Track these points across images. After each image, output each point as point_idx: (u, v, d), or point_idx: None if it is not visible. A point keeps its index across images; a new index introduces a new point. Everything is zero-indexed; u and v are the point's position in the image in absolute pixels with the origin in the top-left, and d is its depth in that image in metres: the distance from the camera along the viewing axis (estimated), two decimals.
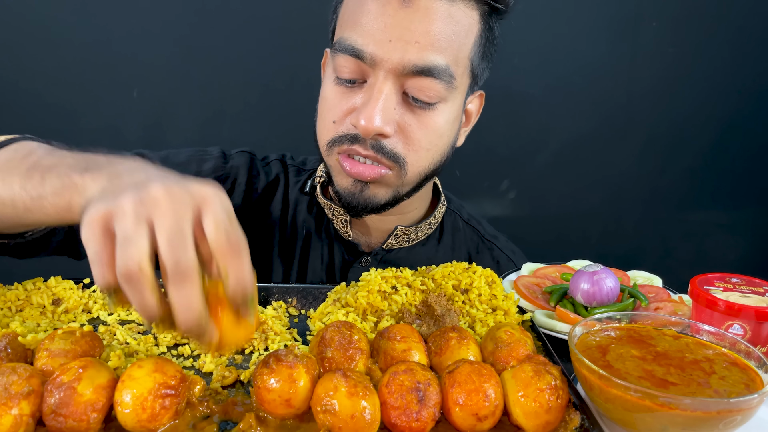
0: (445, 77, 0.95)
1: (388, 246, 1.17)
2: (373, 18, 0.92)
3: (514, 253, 1.32)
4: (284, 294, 0.97)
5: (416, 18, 0.91)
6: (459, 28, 0.95)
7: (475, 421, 0.62)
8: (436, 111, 0.99)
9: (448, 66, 0.95)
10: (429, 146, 1.01)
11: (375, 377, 0.68)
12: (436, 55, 0.93)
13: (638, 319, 0.77)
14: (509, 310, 0.87)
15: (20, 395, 0.58)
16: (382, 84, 0.93)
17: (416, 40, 0.91)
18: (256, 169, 1.22)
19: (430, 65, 0.93)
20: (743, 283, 0.83)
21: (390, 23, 0.91)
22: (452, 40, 0.95)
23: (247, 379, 0.72)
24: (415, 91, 0.95)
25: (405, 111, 0.97)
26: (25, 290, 0.86)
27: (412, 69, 0.92)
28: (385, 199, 1.05)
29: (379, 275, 0.90)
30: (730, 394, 0.62)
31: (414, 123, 0.98)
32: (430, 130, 0.99)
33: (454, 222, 1.29)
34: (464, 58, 0.99)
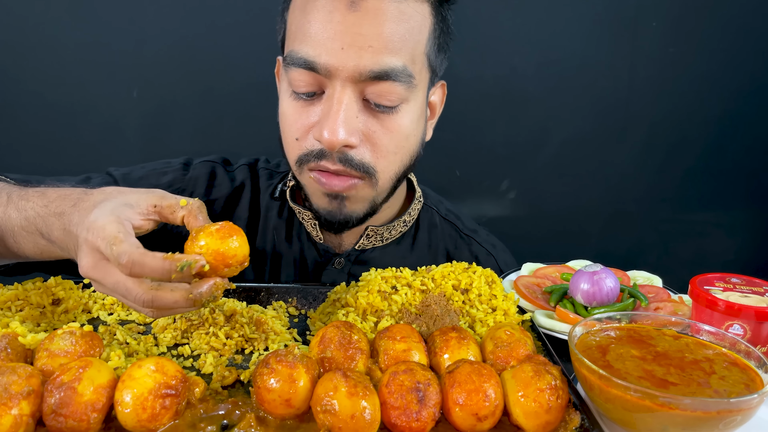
0: (404, 78, 0.92)
1: (361, 246, 1.15)
2: (321, 26, 0.89)
3: (494, 247, 1.29)
4: (284, 294, 0.97)
5: (366, 21, 0.88)
6: (411, 25, 0.92)
7: (475, 421, 0.62)
8: (400, 113, 0.96)
9: (406, 66, 0.92)
10: (397, 150, 0.98)
11: (375, 377, 0.68)
12: (392, 57, 0.90)
13: (638, 319, 0.77)
14: (509, 310, 0.87)
15: (20, 395, 0.58)
16: (341, 94, 0.90)
17: (369, 45, 0.88)
18: (219, 178, 1.19)
19: (387, 69, 0.90)
20: (743, 283, 0.83)
21: (340, 30, 0.88)
22: (406, 39, 0.92)
23: (247, 379, 0.72)
24: (376, 97, 0.92)
25: (368, 118, 0.94)
26: (25, 290, 0.86)
27: (369, 75, 0.89)
28: (363, 212, 1.03)
29: (379, 275, 0.90)
30: (730, 394, 0.62)
31: (378, 129, 0.95)
32: (396, 134, 0.97)
33: (431, 218, 1.26)
34: (420, 55, 0.96)
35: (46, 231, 0.79)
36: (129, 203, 0.73)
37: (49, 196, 0.80)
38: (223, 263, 0.67)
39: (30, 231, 0.81)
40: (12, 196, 0.84)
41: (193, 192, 1.17)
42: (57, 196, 0.80)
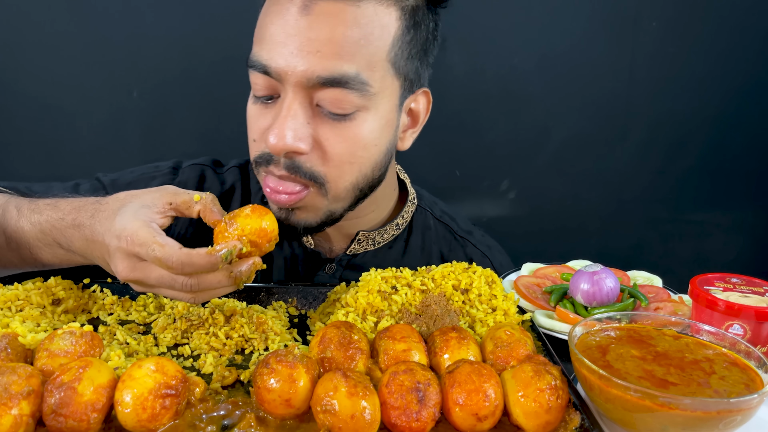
0: (357, 85, 0.88)
1: (352, 251, 1.13)
2: (275, 30, 0.88)
3: (489, 249, 1.26)
4: (284, 294, 0.97)
5: (317, 25, 0.86)
6: (369, 30, 0.88)
7: (475, 421, 0.62)
8: (356, 121, 0.92)
9: (359, 73, 0.88)
10: (352, 159, 0.94)
11: (375, 377, 0.68)
12: (343, 63, 0.87)
13: (638, 319, 0.77)
14: (509, 310, 0.87)
15: (20, 395, 0.58)
16: (291, 100, 0.88)
17: (318, 50, 0.86)
18: (209, 181, 1.19)
19: (337, 75, 0.87)
20: (743, 283, 0.83)
21: (291, 33, 0.86)
22: (361, 45, 0.88)
23: (247, 379, 0.72)
24: (327, 103, 0.89)
25: (320, 125, 0.91)
26: (25, 290, 0.86)
27: (318, 80, 0.86)
28: (317, 221, 1.00)
29: (379, 275, 0.90)
30: (730, 394, 0.62)
31: (331, 136, 0.91)
32: (351, 143, 0.92)
33: (425, 220, 1.23)
34: (381, 61, 0.91)
35: (66, 242, 0.82)
36: (146, 204, 0.77)
37: (62, 209, 0.83)
38: (266, 239, 0.75)
39: (47, 243, 0.84)
40: (22, 209, 0.87)
41: None
42: (71, 208, 0.83)
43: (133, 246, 0.72)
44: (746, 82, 2.14)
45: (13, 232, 0.86)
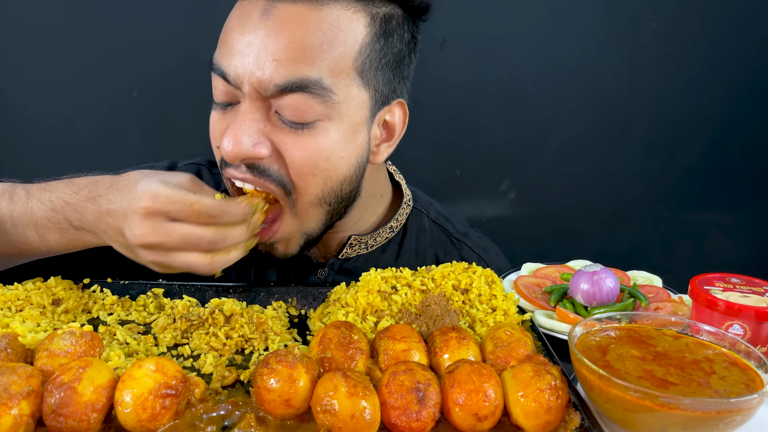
0: (318, 90, 0.85)
1: (344, 255, 1.11)
2: (236, 35, 0.86)
3: (486, 251, 1.23)
4: (284, 294, 0.97)
5: (277, 30, 0.83)
6: (332, 35, 0.85)
7: (475, 421, 0.62)
8: (317, 130, 0.88)
9: (321, 78, 0.84)
10: (314, 171, 0.90)
11: (375, 377, 0.68)
12: (303, 67, 0.84)
13: (638, 319, 0.77)
14: (509, 310, 0.87)
15: (20, 395, 0.58)
16: (247, 106, 0.86)
17: (275, 58, 0.83)
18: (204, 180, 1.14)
19: (295, 80, 0.84)
20: (743, 283, 0.83)
21: (249, 41, 0.84)
22: (323, 50, 0.84)
23: (247, 379, 0.72)
24: (287, 111, 0.86)
25: (278, 133, 0.88)
26: (25, 290, 0.86)
27: (274, 89, 0.84)
28: (297, 248, 0.99)
29: (379, 275, 0.90)
30: (730, 394, 0.62)
31: (291, 146, 0.88)
32: (312, 153, 0.88)
33: (420, 223, 1.19)
34: (346, 69, 0.87)
35: (77, 218, 0.83)
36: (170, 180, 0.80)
37: (77, 184, 0.85)
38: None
39: (56, 221, 0.84)
40: (31, 191, 0.88)
41: None
42: (87, 182, 0.84)
43: (163, 204, 0.75)
44: (746, 82, 2.14)
45: (20, 213, 0.86)
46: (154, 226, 0.75)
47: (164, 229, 0.75)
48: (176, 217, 0.76)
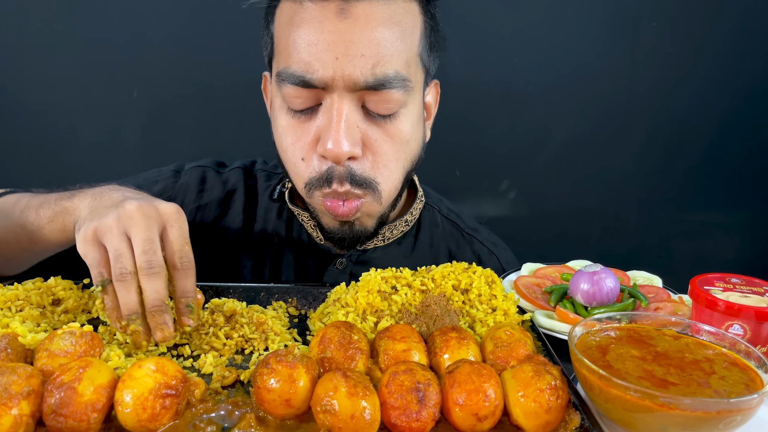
0: (400, 83, 0.90)
1: (362, 246, 1.14)
2: (313, 38, 0.87)
3: (495, 246, 1.28)
4: (284, 294, 0.97)
5: (357, 29, 0.86)
6: (403, 28, 0.90)
7: (475, 421, 0.62)
8: (399, 119, 0.94)
9: (399, 71, 0.90)
10: (398, 156, 0.97)
11: (375, 377, 0.68)
12: (386, 64, 0.88)
13: (638, 319, 0.77)
14: (509, 310, 0.87)
15: (20, 395, 0.58)
16: (340, 104, 0.89)
17: (362, 53, 0.86)
18: (210, 182, 1.19)
19: (382, 78, 0.88)
20: (743, 283, 0.83)
21: (332, 40, 0.86)
22: (399, 44, 0.90)
23: (247, 379, 0.72)
24: (374, 105, 0.91)
25: (368, 126, 0.93)
26: (25, 290, 0.86)
27: (364, 84, 0.88)
28: (373, 227, 1.03)
29: (378, 275, 0.90)
30: (730, 394, 0.62)
31: (380, 137, 0.93)
32: (397, 140, 0.95)
33: (433, 218, 1.25)
34: (414, 56, 0.94)
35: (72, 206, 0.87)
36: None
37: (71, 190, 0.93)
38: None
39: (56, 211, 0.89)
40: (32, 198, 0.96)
41: (184, 199, 1.16)
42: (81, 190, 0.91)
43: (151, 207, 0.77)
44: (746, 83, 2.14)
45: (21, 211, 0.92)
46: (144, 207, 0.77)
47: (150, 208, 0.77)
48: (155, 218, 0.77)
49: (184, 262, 0.76)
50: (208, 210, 1.17)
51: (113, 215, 0.75)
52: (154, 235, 0.75)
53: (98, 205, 0.81)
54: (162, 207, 0.78)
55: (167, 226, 0.77)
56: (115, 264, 0.73)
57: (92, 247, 0.75)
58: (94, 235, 0.75)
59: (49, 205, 0.90)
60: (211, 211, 1.17)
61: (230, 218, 1.18)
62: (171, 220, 0.77)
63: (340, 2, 0.87)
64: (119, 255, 0.73)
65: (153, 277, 0.73)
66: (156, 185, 1.16)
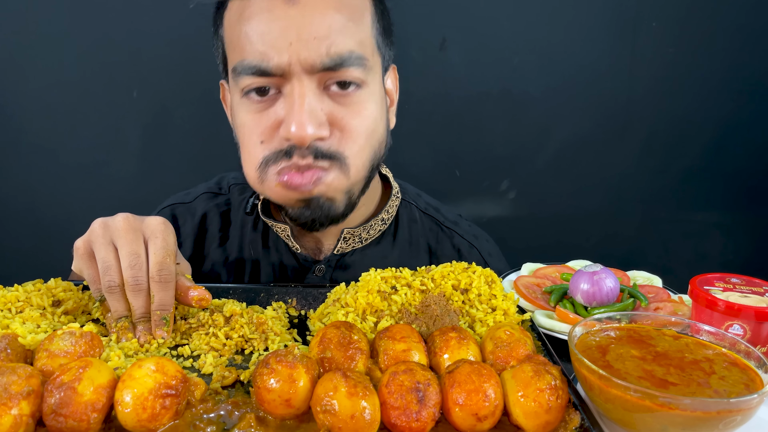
0: (357, 62, 0.92)
1: (340, 250, 1.13)
2: (265, 28, 0.88)
3: (476, 238, 1.25)
4: (284, 294, 0.97)
5: (307, 13, 0.88)
6: (352, 10, 0.92)
7: (475, 421, 0.62)
8: (362, 98, 0.95)
9: (354, 50, 0.91)
10: (367, 133, 0.97)
11: (375, 377, 0.68)
12: (340, 44, 0.89)
13: (638, 319, 0.77)
14: (509, 310, 0.87)
15: (20, 395, 0.58)
16: (300, 87, 0.89)
17: (314, 36, 0.87)
18: (181, 219, 1.21)
19: (337, 58, 0.89)
20: (743, 283, 0.83)
21: (284, 26, 0.87)
22: (350, 25, 0.91)
23: (247, 380, 0.72)
24: (333, 85, 0.92)
25: (333, 104, 0.93)
26: (25, 291, 0.86)
27: (321, 66, 0.89)
28: (342, 206, 1.00)
29: (378, 275, 0.90)
30: (730, 394, 0.62)
31: (346, 113, 0.94)
32: (364, 117, 0.96)
33: (411, 214, 1.22)
34: (368, 38, 0.96)
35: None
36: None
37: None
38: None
39: None
40: None
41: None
42: None
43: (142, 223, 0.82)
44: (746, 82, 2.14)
45: None
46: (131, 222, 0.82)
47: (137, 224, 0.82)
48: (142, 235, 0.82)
49: (163, 275, 0.79)
50: (186, 244, 1.19)
51: (101, 223, 0.82)
52: (140, 248, 0.80)
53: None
54: (148, 220, 0.83)
55: (151, 238, 0.80)
56: (103, 276, 0.79)
57: (86, 263, 0.82)
58: (86, 248, 0.81)
59: None
60: (188, 243, 1.20)
61: (208, 242, 1.19)
62: (156, 232, 0.81)
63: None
64: (107, 268, 0.79)
65: (138, 293, 0.79)
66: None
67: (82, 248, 0.81)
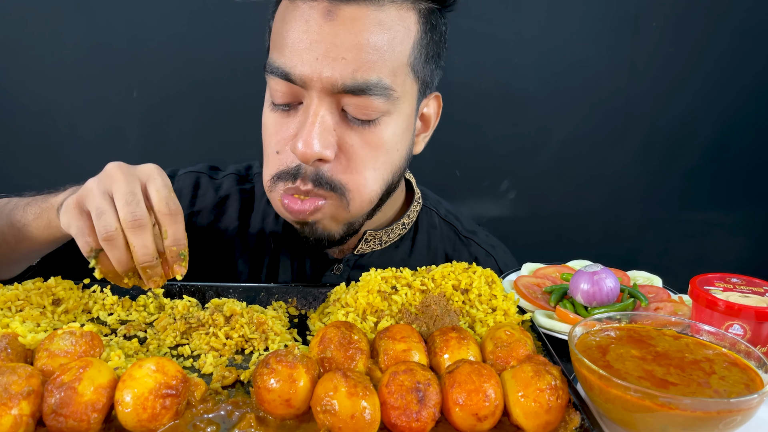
0: (381, 91, 0.88)
1: (360, 251, 1.13)
2: (298, 36, 0.87)
3: (494, 248, 1.25)
4: (284, 294, 0.97)
5: (341, 31, 0.85)
6: (392, 35, 0.88)
7: (475, 421, 0.62)
8: (380, 126, 0.92)
9: (382, 79, 0.88)
10: (375, 165, 0.94)
11: (375, 377, 0.68)
12: (368, 70, 0.87)
13: (638, 319, 0.77)
14: (509, 310, 0.87)
15: (20, 395, 0.58)
16: (317, 106, 0.88)
17: (343, 56, 0.85)
18: (203, 188, 1.18)
19: (362, 83, 0.87)
20: (743, 283, 0.83)
21: (315, 39, 0.86)
22: (384, 51, 0.88)
23: (247, 379, 0.72)
24: (353, 110, 0.89)
25: (345, 130, 0.91)
26: (25, 290, 0.86)
27: (342, 88, 0.86)
28: (340, 233, 1.00)
29: (379, 275, 0.90)
30: (730, 394, 0.62)
31: (357, 142, 0.92)
32: (374, 148, 0.93)
33: (430, 220, 1.23)
34: (403, 66, 0.91)
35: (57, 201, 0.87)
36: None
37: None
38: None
39: (43, 207, 0.89)
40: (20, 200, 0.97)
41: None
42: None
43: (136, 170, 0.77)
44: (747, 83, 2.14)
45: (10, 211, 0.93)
46: (125, 171, 0.77)
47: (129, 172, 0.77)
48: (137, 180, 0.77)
49: (172, 207, 0.74)
50: (202, 216, 1.17)
51: (93, 179, 0.76)
52: (136, 188, 0.74)
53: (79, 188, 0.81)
54: (141, 166, 0.78)
55: (149, 180, 0.76)
56: (98, 223, 0.72)
57: (75, 214, 0.75)
58: (76, 203, 0.75)
59: (36, 203, 0.91)
60: (204, 216, 1.17)
61: (224, 223, 1.17)
62: (153, 175, 0.76)
63: (329, 4, 0.86)
64: (101, 212, 0.72)
65: (139, 231, 0.72)
66: None
67: (72, 202, 0.76)
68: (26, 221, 0.90)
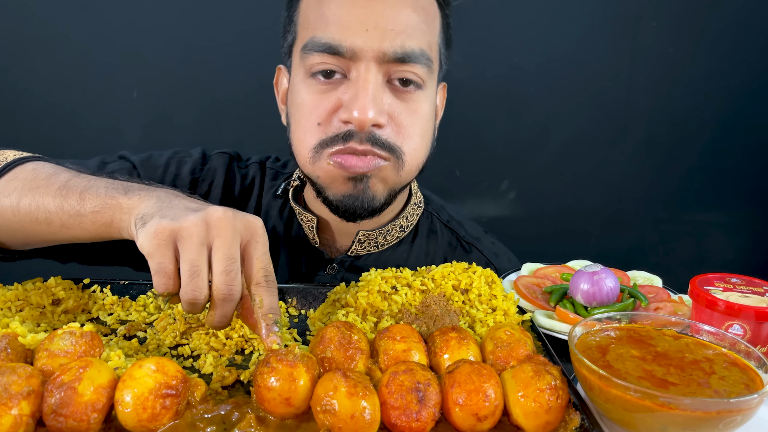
0: (425, 61, 0.96)
1: (354, 252, 1.13)
2: (345, 11, 0.93)
3: (497, 257, 1.24)
4: (284, 294, 0.97)
5: (387, 7, 0.93)
6: (427, 14, 0.97)
7: (475, 421, 0.62)
8: (420, 97, 0.99)
9: (424, 50, 0.96)
10: (421, 133, 1.00)
11: (375, 377, 0.68)
12: (413, 40, 0.94)
13: (638, 319, 0.77)
14: (509, 310, 0.87)
15: (20, 395, 0.58)
16: (367, 74, 0.93)
17: (391, 28, 0.92)
18: (233, 172, 1.21)
19: (409, 51, 0.93)
20: (743, 283, 0.83)
21: (363, 13, 0.92)
22: (423, 27, 0.96)
23: (247, 379, 0.72)
24: (397, 79, 0.96)
25: (393, 99, 0.97)
26: (25, 290, 0.86)
27: (392, 57, 0.93)
28: (383, 198, 1.01)
29: (379, 275, 0.90)
30: (730, 394, 0.62)
31: (404, 110, 0.97)
32: (419, 116, 0.99)
33: (431, 225, 1.23)
34: (435, 44, 1.00)
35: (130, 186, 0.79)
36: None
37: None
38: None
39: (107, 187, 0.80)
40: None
41: (213, 181, 1.18)
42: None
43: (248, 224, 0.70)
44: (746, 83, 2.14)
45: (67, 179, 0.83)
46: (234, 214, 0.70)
47: (235, 218, 0.70)
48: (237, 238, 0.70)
49: (270, 281, 0.71)
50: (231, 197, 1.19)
51: (196, 219, 0.67)
52: (237, 253, 0.68)
53: (168, 206, 0.72)
54: (249, 219, 0.71)
55: (251, 241, 0.70)
56: (188, 282, 0.66)
57: (162, 248, 0.67)
58: (170, 236, 0.66)
59: (96, 191, 0.79)
60: (234, 198, 1.20)
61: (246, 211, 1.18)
62: (257, 235, 0.71)
63: None
64: (196, 272, 0.66)
65: (226, 303, 0.68)
66: (185, 165, 1.18)
67: (165, 232, 0.66)
68: (82, 211, 0.79)
